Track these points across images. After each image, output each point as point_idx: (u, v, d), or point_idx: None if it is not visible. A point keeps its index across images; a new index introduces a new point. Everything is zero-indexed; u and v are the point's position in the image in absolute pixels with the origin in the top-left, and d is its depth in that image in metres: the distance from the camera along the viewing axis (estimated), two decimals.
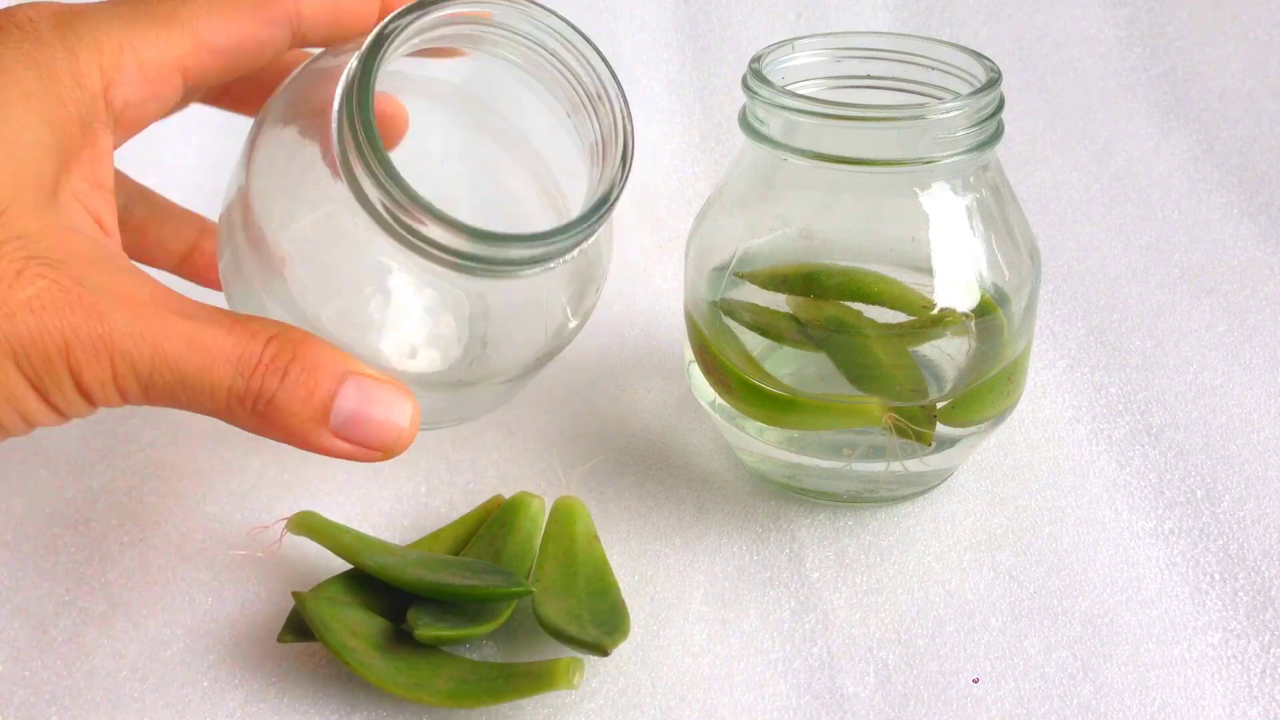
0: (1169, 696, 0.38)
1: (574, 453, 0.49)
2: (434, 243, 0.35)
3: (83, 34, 0.38)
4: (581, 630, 0.38)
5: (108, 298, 0.36)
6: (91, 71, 0.38)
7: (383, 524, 0.45)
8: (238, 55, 0.39)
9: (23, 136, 0.36)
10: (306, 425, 0.37)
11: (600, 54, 0.38)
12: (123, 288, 0.36)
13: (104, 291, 0.36)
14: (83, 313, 0.35)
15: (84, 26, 0.38)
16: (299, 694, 0.38)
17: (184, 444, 0.49)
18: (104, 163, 0.39)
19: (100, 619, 0.41)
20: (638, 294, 0.60)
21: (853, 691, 0.39)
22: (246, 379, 0.36)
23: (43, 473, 0.47)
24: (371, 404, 0.37)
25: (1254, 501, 0.46)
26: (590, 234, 0.36)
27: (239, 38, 0.39)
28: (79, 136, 0.38)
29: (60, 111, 0.37)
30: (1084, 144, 0.73)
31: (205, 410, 0.36)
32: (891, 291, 0.42)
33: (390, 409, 0.37)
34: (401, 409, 0.38)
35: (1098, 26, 0.78)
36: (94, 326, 0.35)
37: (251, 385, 0.36)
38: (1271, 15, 0.77)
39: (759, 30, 0.76)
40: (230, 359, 0.36)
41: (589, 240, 0.37)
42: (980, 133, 0.40)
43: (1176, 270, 0.61)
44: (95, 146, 0.39)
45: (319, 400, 0.36)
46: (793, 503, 0.46)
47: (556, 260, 0.36)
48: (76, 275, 0.35)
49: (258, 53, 0.40)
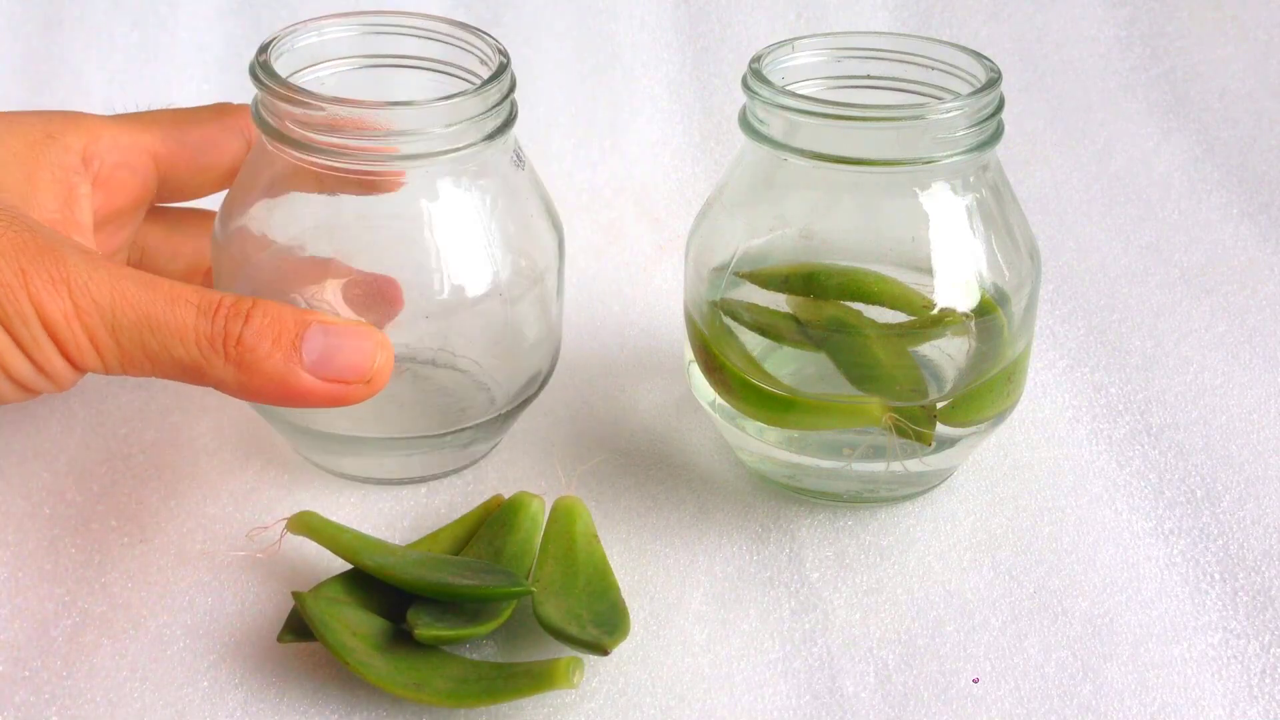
0: (1169, 696, 0.38)
1: (574, 453, 0.49)
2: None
3: (62, 117, 0.44)
4: (581, 630, 0.38)
5: (64, 245, 0.37)
6: (68, 137, 0.43)
7: (383, 524, 0.45)
8: (201, 149, 0.46)
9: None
10: (280, 366, 0.37)
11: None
12: (80, 247, 0.38)
13: (61, 241, 0.38)
14: (36, 250, 0.37)
15: (62, 115, 0.44)
16: (299, 694, 0.38)
17: (185, 446, 0.49)
18: (81, 204, 0.43)
19: (101, 619, 0.41)
20: (638, 294, 0.60)
21: (853, 691, 0.39)
22: (210, 319, 0.37)
23: (44, 474, 0.47)
24: (340, 337, 0.38)
25: (1254, 501, 0.46)
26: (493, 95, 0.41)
27: (200, 136, 0.46)
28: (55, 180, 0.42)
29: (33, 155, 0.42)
30: (1084, 144, 0.73)
31: (181, 363, 0.37)
32: (891, 291, 0.42)
33: (360, 339, 0.38)
34: (370, 337, 0.39)
35: (1098, 26, 0.78)
36: (50, 261, 0.36)
37: (216, 326, 0.37)
38: (1271, 15, 0.77)
39: (759, 30, 0.76)
40: (192, 302, 0.37)
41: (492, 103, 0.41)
42: (980, 133, 0.40)
43: (1176, 270, 0.61)
44: (72, 191, 0.42)
45: (287, 338, 0.38)
46: (793, 503, 0.46)
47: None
48: (33, 228, 0.37)
49: (218, 151, 0.46)
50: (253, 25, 0.75)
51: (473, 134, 0.41)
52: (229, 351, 0.37)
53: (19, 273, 0.36)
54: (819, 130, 0.40)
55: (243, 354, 0.37)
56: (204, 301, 0.37)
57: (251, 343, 0.37)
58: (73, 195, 0.43)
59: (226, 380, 0.38)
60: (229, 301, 0.37)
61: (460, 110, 0.40)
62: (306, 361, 0.38)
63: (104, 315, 0.36)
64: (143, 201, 0.46)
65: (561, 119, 0.73)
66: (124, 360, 0.37)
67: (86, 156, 0.44)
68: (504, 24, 0.75)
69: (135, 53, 0.73)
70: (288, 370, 0.37)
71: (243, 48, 0.74)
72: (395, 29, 0.45)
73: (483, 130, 0.41)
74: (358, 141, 0.40)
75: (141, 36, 0.74)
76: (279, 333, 0.37)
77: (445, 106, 0.40)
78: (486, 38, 0.44)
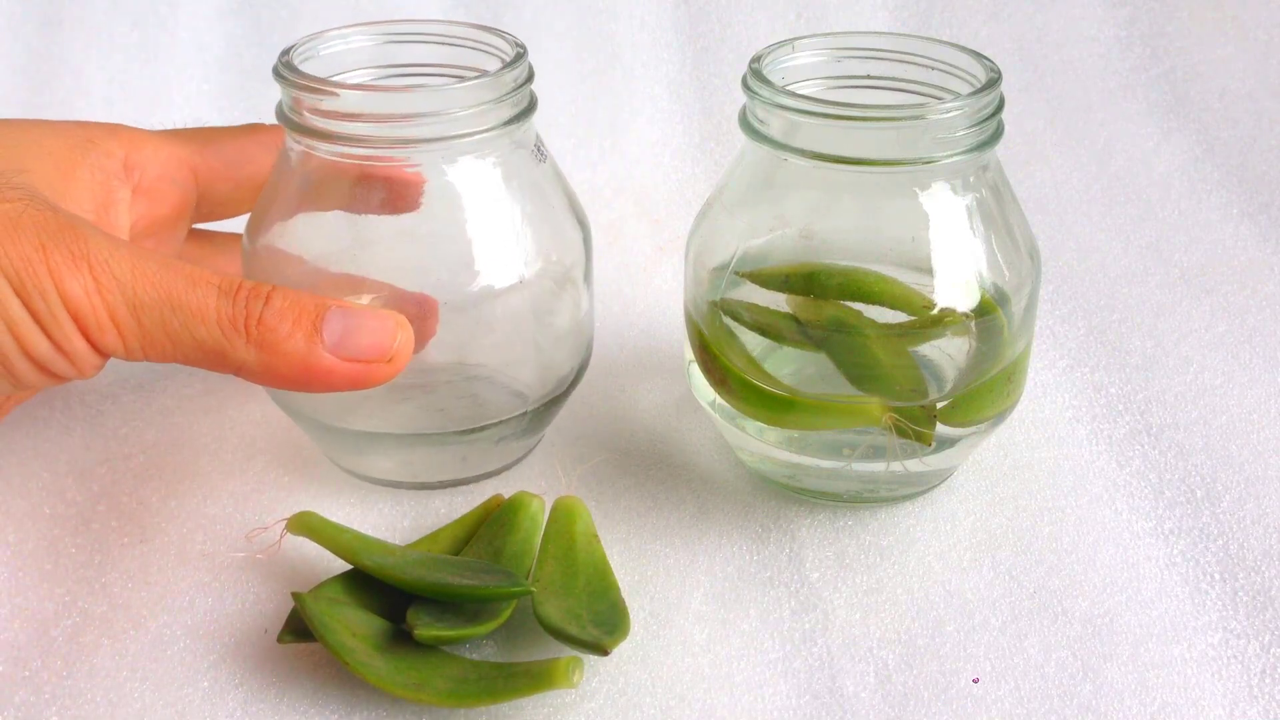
0: (1169, 696, 0.38)
1: (574, 453, 0.49)
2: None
3: (102, 126, 0.45)
4: (581, 630, 0.38)
5: (85, 225, 0.37)
6: (110, 144, 0.44)
7: (382, 524, 0.45)
8: (236, 164, 0.47)
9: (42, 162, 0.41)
10: (302, 346, 0.37)
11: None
12: (101, 230, 0.38)
13: (82, 222, 0.38)
14: (57, 227, 0.37)
15: (101, 124, 0.45)
16: (299, 694, 0.38)
17: (185, 446, 0.49)
18: (119, 209, 0.43)
19: (101, 620, 0.41)
20: (638, 294, 0.60)
21: (853, 691, 0.39)
22: (231, 300, 0.37)
23: (45, 475, 0.47)
24: (360, 318, 0.38)
25: (1254, 501, 0.46)
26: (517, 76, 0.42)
27: (235, 150, 0.47)
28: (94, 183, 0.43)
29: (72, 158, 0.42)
30: (1084, 144, 0.73)
31: (203, 346, 0.37)
32: (891, 291, 0.42)
33: (379, 320, 0.39)
34: (390, 318, 0.39)
35: (1098, 26, 0.78)
36: (71, 238, 0.37)
37: (238, 307, 0.37)
38: (1271, 15, 0.77)
39: (759, 30, 0.76)
40: (213, 284, 0.37)
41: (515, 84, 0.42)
42: (980, 133, 0.40)
43: (1176, 270, 0.61)
44: (111, 195, 0.43)
45: (308, 319, 0.38)
46: (793, 503, 0.46)
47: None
48: (54, 207, 0.37)
49: (253, 165, 0.48)
50: (253, 25, 0.75)
51: (491, 119, 0.41)
52: (250, 332, 0.37)
53: (39, 248, 0.36)
54: (819, 130, 0.40)
55: (264, 334, 0.37)
56: (225, 284, 0.37)
57: (273, 323, 0.37)
58: (111, 199, 0.43)
59: (249, 362, 0.37)
60: (249, 284, 0.38)
61: (478, 94, 0.41)
62: (328, 342, 0.38)
63: (125, 293, 0.36)
64: (184, 214, 0.47)
65: (561, 119, 0.73)
66: (145, 342, 0.37)
67: (128, 165, 0.44)
68: (504, 24, 0.75)
69: (135, 53, 0.74)
70: (309, 350, 0.37)
71: (243, 48, 0.74)
72: (415, 37, 0.45)
73: (500, 116, 0.41)
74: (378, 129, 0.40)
75: (141, 36, 0.74)
76: (299, 314, 0.38)
77: (463, 90, 0.41)
78: (505, 35, 0.44)
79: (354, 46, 0.45)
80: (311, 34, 0.44)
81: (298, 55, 0.43)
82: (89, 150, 0.43)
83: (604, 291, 0.59)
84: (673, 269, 0.62)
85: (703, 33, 0.76)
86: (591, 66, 0.75)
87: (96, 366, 0.38)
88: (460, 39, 0.45)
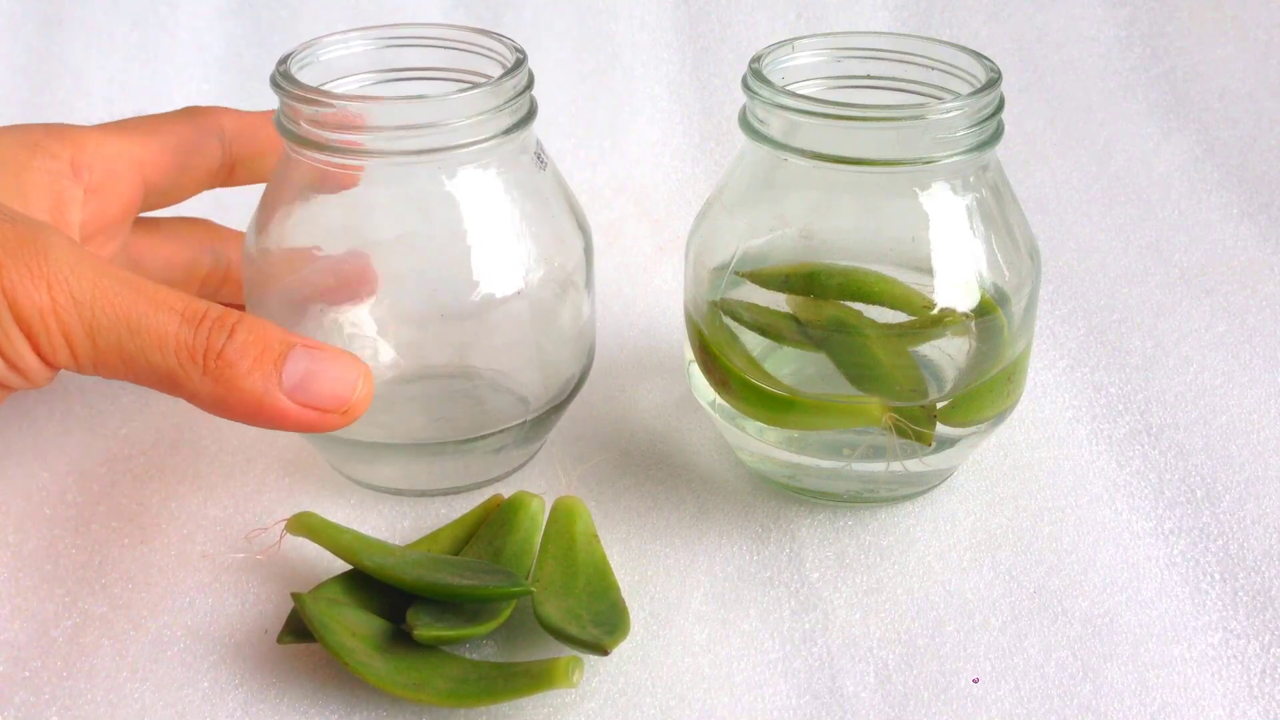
0: (1169, 696, 0.38)
1: (574, 453, 0.49)
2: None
3: (45, 129, 0.44)
4: (581, 630, 0.38)
5: (50, 236, 0.36)
6: (54, 145, 0.44)
7: (382, 524, 0.45)
8: (179, 151, 0.47)
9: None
10: (259, 385, 0.36)
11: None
12: (70, 240, 0.37)
13: (48, 233, 0.36)
14: (18, 241, 0.35)
15: (44, 127, 0.45)
16: (299, 694, 0.38)
17: (185, 448, 0.49)
18: (71, 209, 0.43)
19: (101, 620, 0.41)
20: (638, 294, 0.60)
21: (853, 691, 0.39)
22: (193, 329, 0.36)
23: (44, 475, 0.47)
24: (323, 363, 0.37)
25: (1254, 501, 0.46)
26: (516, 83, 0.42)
27: (177, 138, 0.47)
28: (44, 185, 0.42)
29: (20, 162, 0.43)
30: (1084, 144, 0.73)
31: (157, 370, 0.36)
32: (891, 291, 0.42)
33: (343, 368, 0.38)
34: (354, 367, 0.38)
35: (1098, 26, 0.78)
36: (30, 253, 0.35)
37: (199, 337, 0.36)
38: (1271, 15, 0.77)
39: (759, 30, 0.76)
40: (176, 309, 0.36)
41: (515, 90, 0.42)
42: (980, 133, 0.40)
43: (1176, 270, 0.61)
44: (61, 196, 0.43)
45: (270, 357, 0.37)
46: (793, 503, 0.46)
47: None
48: (17, 219, 0.36)
49: (197, 153, 0.47)
50: (253, 25, 0.75)
51: (491, 127, 0.41)
52: (208, 365, 0.36)
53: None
54: (819, 130, 0.40)
55: (222, 369, 0.36)
56: (189, 310, 0.36)
57: (233, 358, 0.36)
58: (62, 200, 0.42)
59: (201, 394, 0.36)
60: (214, 314, 0.36)
61: (478, 103, 0.40)
62: (286, 385, 0.36)
63: (83, 313, 0.35)
64: (132, 209, 0.46)
65: (561, 119, 0.73)
66: (97, 361, 0.36)
67: (76, 165, 0.44)
68: (504, 24, 0.75)
69: (135, 53, 0.74)
70: (265, 391, 0.36)
71: (243, 48, 0.74)
72: (414, 41, 0.45)
73: (501, 124, 0.41)
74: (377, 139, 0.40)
75: (141, 36, 0.74)
76: (262, 350, 0.36)
77: (463, 99, 0.40)
78: (504, 39, 0.44)
79: (353, 51, 0.44)
80: (309, 40, 0.44)
81: (296, 62, 0.42)
82: (35, 152, 0.42)
83: (604, 292, 0.59)
84: (673, 269, 0.62)
85: (703, 33, 0.76)
86: (591, 66, 0.75)
87: (49, 378, 0.37)
88: (459, 43, 0.45)
